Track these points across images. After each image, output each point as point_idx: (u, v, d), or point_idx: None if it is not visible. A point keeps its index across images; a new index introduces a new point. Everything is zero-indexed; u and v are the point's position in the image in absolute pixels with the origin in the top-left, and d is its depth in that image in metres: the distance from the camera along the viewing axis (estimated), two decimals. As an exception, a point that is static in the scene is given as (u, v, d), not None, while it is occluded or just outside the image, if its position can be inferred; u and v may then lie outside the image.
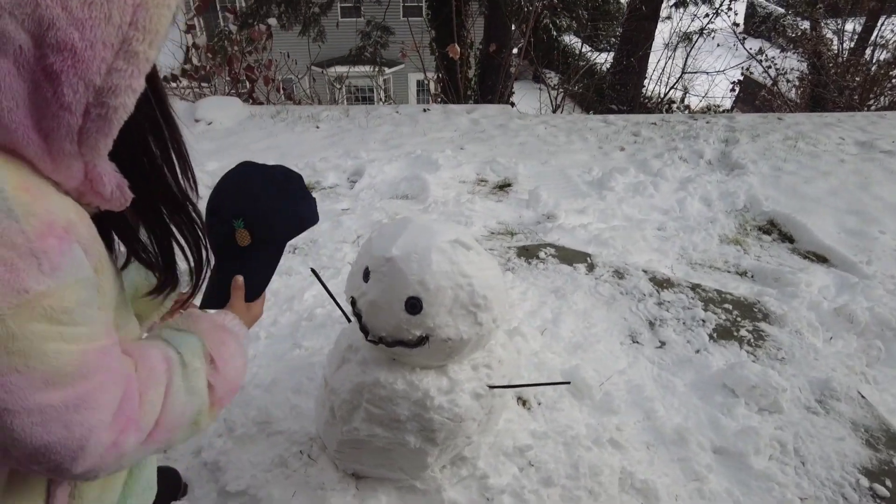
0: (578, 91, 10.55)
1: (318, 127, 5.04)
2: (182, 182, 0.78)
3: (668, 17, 8.62)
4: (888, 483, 1.97)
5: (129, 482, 0.91)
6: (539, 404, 1.88)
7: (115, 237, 0.79)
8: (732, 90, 8.79)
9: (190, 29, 5.62)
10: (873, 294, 3.00)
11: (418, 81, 16.47)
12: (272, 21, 6.28)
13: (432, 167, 4.14)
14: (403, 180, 4.02)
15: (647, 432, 2.05)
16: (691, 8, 8.26)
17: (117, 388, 0.68)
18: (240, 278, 1.03)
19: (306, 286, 2.75)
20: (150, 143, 0.72)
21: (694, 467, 1.96)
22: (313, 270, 1.75)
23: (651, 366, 2.40)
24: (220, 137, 4.84)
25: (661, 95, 8.95)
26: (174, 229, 0.80)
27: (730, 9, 8.12)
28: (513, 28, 7.51)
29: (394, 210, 3.57)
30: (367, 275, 1.38)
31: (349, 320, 1.80)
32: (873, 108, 7.94)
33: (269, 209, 1.03)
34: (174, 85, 5.62)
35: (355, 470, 1.61)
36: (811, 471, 2.00)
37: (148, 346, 0.82)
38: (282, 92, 6.01)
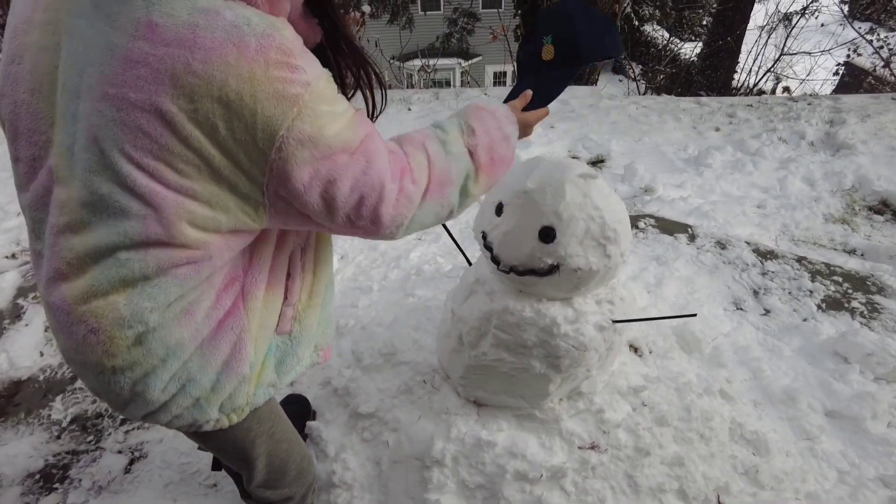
0: (662, 83, 10.22)
1: (409, 109, 5.23)
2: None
3: (764, -2, 8.22)
4: None
5: (322, 315, 1.10)
6: (650, 352, 1.94)
7: None
8: (836, 73, 8.22)
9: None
10: None
11: (495, 73, 16.51)
12: (366, 8, 6.53)
13: (523, 144, 4.22)
14: (495, 156, 4.12)
15: (754, 390, 2.06)
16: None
17: (385, 149, 0.86)
18: (528, 91, 1.16)
19: (410, 247, 2.92)
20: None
21: (805, 426, 1.95)
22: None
23: (755, 331, 2.38)
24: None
25: (754, 83, 8.54)
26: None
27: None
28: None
29: (488, 183, 3.67)
30: (500, 209, 1.49)
31: (470, 263, 1.93)
32: None
33: (576, 31, 1.17)
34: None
35: (477, 397, 1.73)
36: (933, 439, 1.93)
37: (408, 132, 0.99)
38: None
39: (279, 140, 0.72)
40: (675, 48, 9.47)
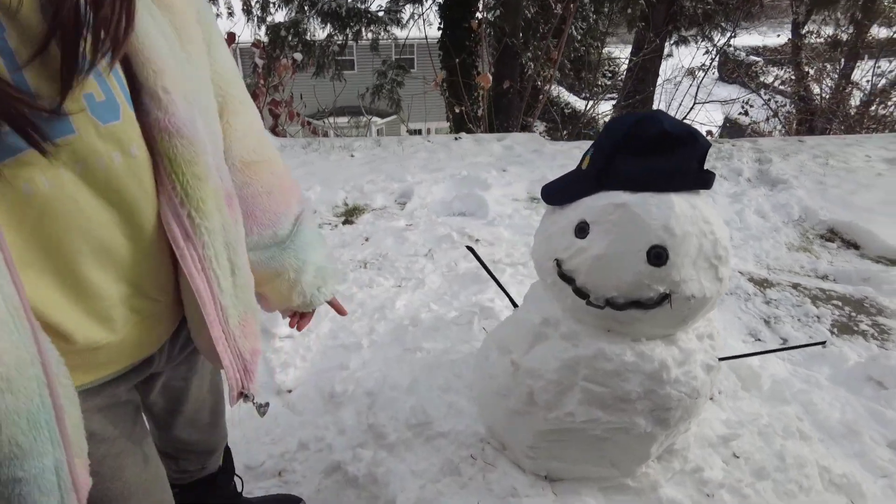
0: (564, 137, 10.72)
1: (352, 155, 4.93)
2: None
3: (670, 55, 8.92)
4: None
5: None
6: (720, 393, 1.70)
7: None
8: (745, 112, 9.06)
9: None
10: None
11: (408, 131, 16.69)
12: (297, 56, 6.25)
13: (483, 186, 4.04)
14: (456, 199, 3.90)
15: (814, 427, 1.87)
16: (691, 46, 8.58)
17: None
18: None
19: (392, 295, 2.56)
20: None
21: (876, 462, 1.78)
22: (470, 248, 1.60)
23: (782, 362, 2.24)
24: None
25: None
26: None
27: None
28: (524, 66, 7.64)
29: (457, 225, 3.42)
30: (582, 229, 1.22)
31: (515, 305, 1.62)
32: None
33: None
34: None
35: (550, 470, 1.39)
36: None
37: None
38: (307, 127, 5.90)
39: None
40: (588, 105, 9.98)
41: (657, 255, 1.13)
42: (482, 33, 6.40)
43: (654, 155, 1.16)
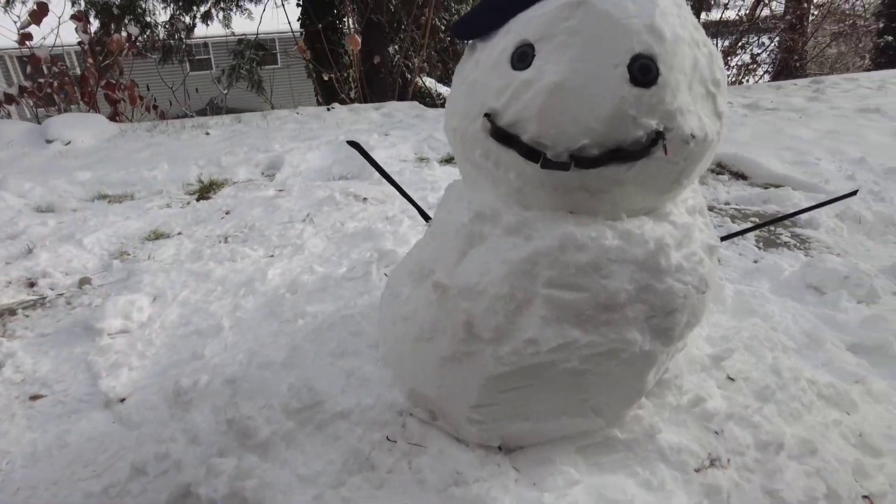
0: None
1: (208, 133, 4.20)
2: None
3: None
4: None
5: None
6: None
7: None
8: None
9: (25, 40, 4.37)
10: (851, 201, 2.95)
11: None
12: (133, 29, 5.23)
13: (365, 147, 3.54)
14: (335, 163, 3.38)
15: (782, 336, 1.63)
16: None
17: None
18: None
19: (263, 266, 2.01)
20: None
21: (845, 367, 1.56)
22: (352, 143, 1.16)
23: (723, 282, 2.01)
24: (86, 155, 3.81)
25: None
26: None
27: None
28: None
29: (340, 188, 2.90)
30: (524, 55, 0.79)
31: (427, 218, 1.17)
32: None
33: None
34: (8, 107, 4.33)
35: (504, 437, 0.95)
36: (950, 351, 1.70)
37: None
38: (153, 111, 4.97)
39: None
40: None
41: (643, 69, 0.73)
42: (346, 1, 5.88)
43: None
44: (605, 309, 0.81)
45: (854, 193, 1.25)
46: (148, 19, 6.83)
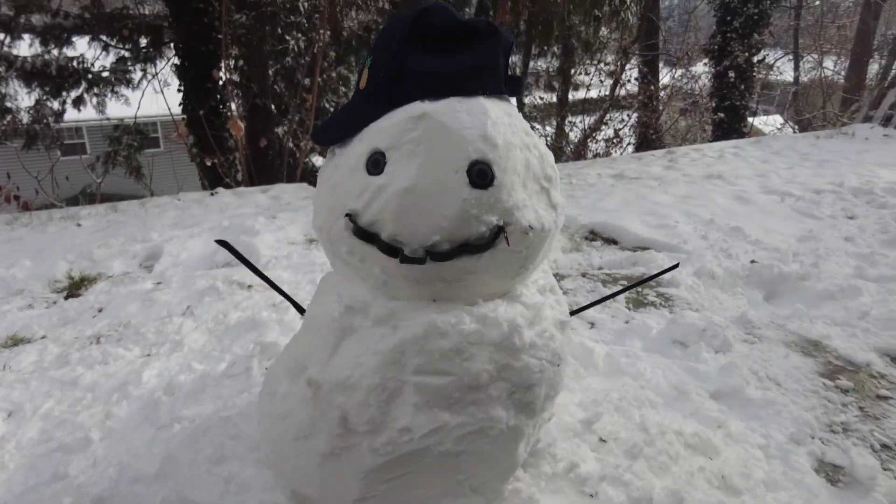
0: None
1: (79, 224, 3.93)
2: None
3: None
4: (842, 378, 2.01)
5: None
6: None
7: None
8: None
9: None
10: (705, 259, 3.34)
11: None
12: None
13: (251, 233, 3.50)
14: (218, 250, 3.26)
15: (650, 395, 1.76)
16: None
17: None
18: None
19: (140, 367, 1.88)
20: None
21: (710, 415, 1.72)
22: (221, 242, 1.16)
23: (597, 343, 2.16)
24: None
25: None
26: None
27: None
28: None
29: (223, 276, 2.81)
30: (377, 162, 0.87)
31: (301, 311, 1.18)
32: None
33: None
34: None
35: (389, 526, 0.94)
36: (790, 387, 1.94)
37: None
38: (15, 202, 4.54)
39: None
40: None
41: (480, 174, 0.83)
42: (229, 88, 5.91)
43: (452, 51, 0.87)
44: (471, 390, 0.86)
45: (676, 266, 1.44)
46: (8, 104, 6.42)
